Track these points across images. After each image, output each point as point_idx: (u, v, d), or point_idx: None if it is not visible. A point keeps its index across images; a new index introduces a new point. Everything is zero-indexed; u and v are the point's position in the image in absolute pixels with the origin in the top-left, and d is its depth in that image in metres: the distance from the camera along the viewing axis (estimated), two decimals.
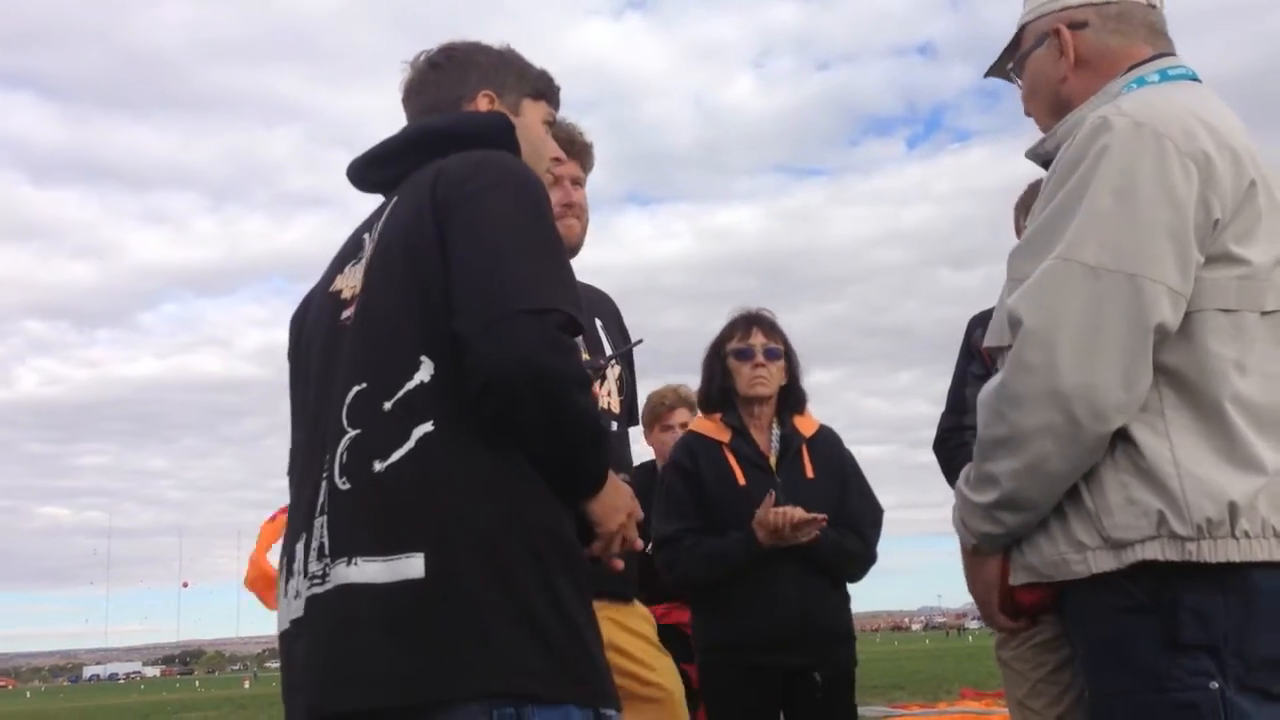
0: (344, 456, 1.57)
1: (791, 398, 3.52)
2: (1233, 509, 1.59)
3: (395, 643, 1.47)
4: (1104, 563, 1.64)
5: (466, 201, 1.63)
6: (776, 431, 3.48)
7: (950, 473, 3.20)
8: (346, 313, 1.72)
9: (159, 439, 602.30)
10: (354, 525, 1.55)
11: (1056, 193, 1.69)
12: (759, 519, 3.21)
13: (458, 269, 1.58)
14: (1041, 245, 1.67)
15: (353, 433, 1.58)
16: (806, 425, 3.53)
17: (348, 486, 1.56)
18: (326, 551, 1.55)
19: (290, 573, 1.65)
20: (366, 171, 1.92)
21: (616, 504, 1.70)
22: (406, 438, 1.54)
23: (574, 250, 2.73)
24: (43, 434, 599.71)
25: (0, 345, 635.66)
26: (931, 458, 3.28)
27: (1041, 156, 1.91)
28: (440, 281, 1.60)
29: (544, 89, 2.03)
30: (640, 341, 2.97)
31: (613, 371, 2.80)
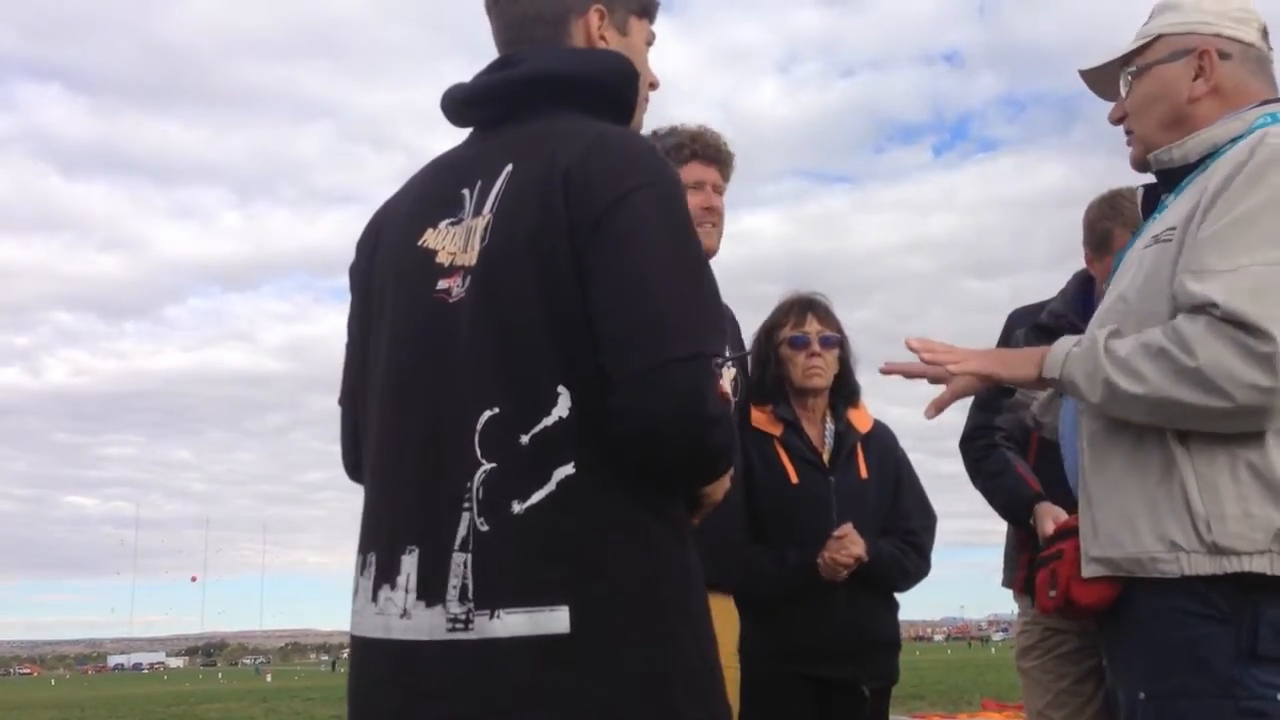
0: (481, 492, 1.49)
1: (845, 389, 3.26)
2: None
3: (541, 700, 1.43)
4: (1200, 566, 1.70)
5: (609, 216, 1.49)
6: (830, 426, 3.23)
7: (975, 472, 3.17)
8: (447, 284, 1.58)
9: (184, 431, 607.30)
10: (496, 572, 1.47)
11: (1242, 199, 1.75)
12: (829, 558, 3.01)
13: (604, 299, 1.48)
14: (1234, 244, 1.72)
15: (488, 466, 1.49)
16: (861, 420, 3.27)
17: (487, 528, 1.48)
18: (470, 596, 1.47)
19: (393, 583, 1.54)
20: (465, 109, 1.75)
21: (725, 482, 1.70)
22: (546, 479, 1.47)
23: (710, 255, 2.67)
24: (70, 424, 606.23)
25: (29, 335, 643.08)
26: (956, 467, 3.23)
27: (1162, 164, 2.00)
28: (576, 304, 1.49)
29: (649, 5, 1.85)
30: (748, 352, 3.10)
31: (729, 372, 2.79)
